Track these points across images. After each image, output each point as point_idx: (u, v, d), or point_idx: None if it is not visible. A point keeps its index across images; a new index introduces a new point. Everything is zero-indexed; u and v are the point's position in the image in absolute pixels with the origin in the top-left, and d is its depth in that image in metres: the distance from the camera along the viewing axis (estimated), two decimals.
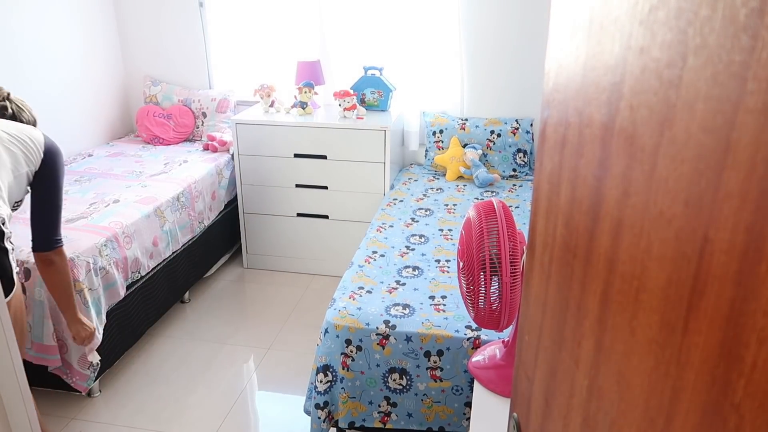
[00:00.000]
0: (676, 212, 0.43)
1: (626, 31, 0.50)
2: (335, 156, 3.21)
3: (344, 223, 3.34)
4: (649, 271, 0.47)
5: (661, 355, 0.46)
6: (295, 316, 3.09)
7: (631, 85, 0.50)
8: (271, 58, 3.64)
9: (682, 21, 0.42)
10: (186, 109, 3.64)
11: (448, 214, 2.84)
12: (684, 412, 0.43)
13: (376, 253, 2.45)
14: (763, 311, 0.34)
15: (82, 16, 3.48)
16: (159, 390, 2.56)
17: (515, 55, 3.29)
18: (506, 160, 3.30)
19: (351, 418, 2.03)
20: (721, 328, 0.38)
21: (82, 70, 3.51)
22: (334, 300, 2.11)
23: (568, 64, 0.65)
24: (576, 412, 0.64)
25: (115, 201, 2.76)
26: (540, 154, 0.77)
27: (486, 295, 1.43)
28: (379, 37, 3.38)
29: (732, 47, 0.36)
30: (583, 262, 0.61)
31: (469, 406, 1.93)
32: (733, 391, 0.37)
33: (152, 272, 2.76)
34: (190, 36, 3.67)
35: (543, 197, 0.76)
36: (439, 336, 1.92)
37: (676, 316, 0.44)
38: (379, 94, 3.35)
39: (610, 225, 0.55)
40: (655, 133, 0.46)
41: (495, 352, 1.66)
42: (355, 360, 1.99)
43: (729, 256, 0.37)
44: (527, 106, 3.38)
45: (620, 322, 0.53)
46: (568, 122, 0.66)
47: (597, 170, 0.58)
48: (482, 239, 1.42)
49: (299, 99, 3.32)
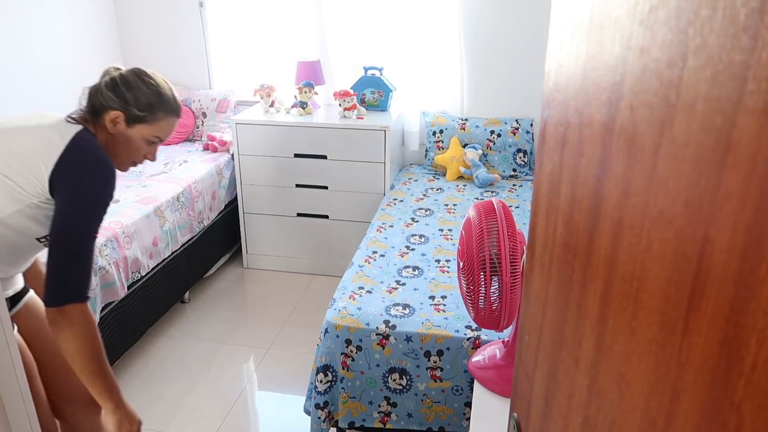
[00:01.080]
0: (676, 212, 0.43)
1: (626, 31, 0.50)
2: (335, 156, 3.21)
3: (344, 223, 3.34)
4: (650, 271, 0.47)
5: (661, 355, 0.46)
6: (295, 316, 3.09)
7: (631, 85, 0.50)
8: (271, 58, 3.64)
9: (683, 21, 0.42)
10: (186, 109, 3.64)
11: (448, 214, 2.84)
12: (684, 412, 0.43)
13: (376, 253, 2.45)
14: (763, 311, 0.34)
15: (82, 16, 3.48)
16: (159, 390, 2.56)
17: (515, 55, 3.29)
18: (506, 160, 3.30)
19: (351, 418, 2.03)
20: (721, 328, 0.38)
21: (82, 70, 3.51)
22: (334, 300, 2.11)
23: (569, 64, 0.65)
24: (576, 412, 0.64)
25: (115, 201, 2.76)
26: (540, 154, 0.77)
27: (486, 295, 1.43)
28: (379, 37, 3.38)
29: (732, 47, 0.36)
30: (584, 262, 0.61)
31: (469, 406, 1.93)
32: (733, 391, 0.37)
33: (152, 272, 2.76)
34: (190, 36, 3.67)
35: (543, 197, 0.76)
36: (439, 336, 1.92)
37: (676, 316, 0.44)
38: (379, 94, 3.35)
39: (611, 225, 0.55)
40: (655, 133, 0.46)
41: (495, 352, 1.66)
42: (355, 360, 1.99)
43: (729, 256, 0.37)
44: (527, 106, 3.38)
45: (620, 322, 0.53)
46: (568, 122, 0.66)
47: (597, 170, 0.58)
48: (482, 239, 1.42)
49: (299, 99, 3.32)
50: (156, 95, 1.54)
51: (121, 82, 1.52)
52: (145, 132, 1.54)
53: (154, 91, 1.54)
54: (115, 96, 1.50)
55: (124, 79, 1.53)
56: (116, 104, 1.50)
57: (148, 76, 1.55)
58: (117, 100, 1.50)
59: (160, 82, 1.57)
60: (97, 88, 1.53)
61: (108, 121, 1.50)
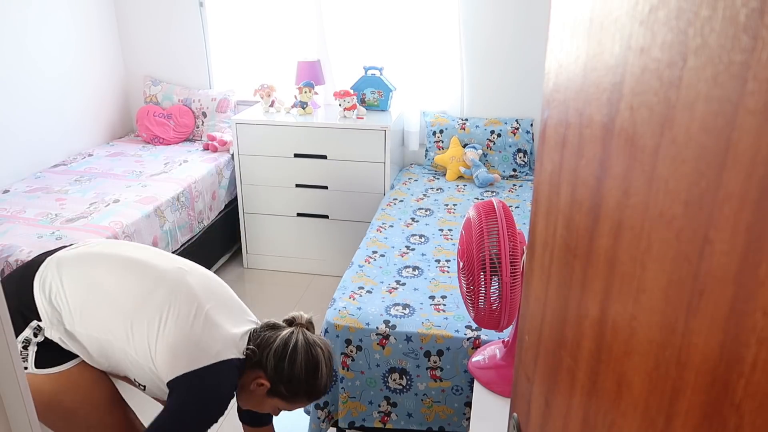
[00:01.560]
0: (676, 213, 0.43)
1: (626, 31, 0.50)
2: (335, 156, 3.21)
3: (344, 223, 3.34)
4: (649, 272, 0.47)
5: (661, 355, 0.46)
6: None
7: (631, 86, 0.50)
8: (271, 58, 3.64)
9: (683, 21, 0.42)
10: (186, 108, 3.64)
11: (448, 214, 2.84)
12: (684, 413, 0.43)
13: (376, 253, 2.45)
14: (763, 311, 0.34)
15: (82, 16, 3.48)
16: None
17: (515, 56, 3.29)
18: (506, 160, 3.30)
19: (351, 418, 2.03)
20: (721, 329, 0.38)
21: (83, 70, 3.51)
22: (334, 300, 2.11)
23: (569, 64, 0.65)
24: (576, 412, 0.64)
25: (116, 201, 2.76)
26: (540, 155, 0.77)
27: (486, 295, 1.43)
28: (379, 37, 3.38)
29: (732, 48, 0.36)
30: (584, 263, 0.61)
31: (469, 406, 1.93)
32: (733, 391, 0.37)
33: None
34: (190, 36, 3.67)
35: (543, 197, 0.76)
36: (439, 336, 1.92)
37: (676, 317, 0.44)
38: (379, 94, 3.35)
39: (611, 225, 0.55)
40: (655, 133, 0.46)
41: (495, 352, 1.66)
42: (355, 360, 1.99)
43: (729, 257, 0.37)
44: (527, 107, 3.38)
45: (620, 322, 0.53)
46: (568, 122, 0.66)
47: (597, 170, 0.58)
48: (482, 239, 1.42)
49: (299, 99, 3.32)
50: (309, 386, 1.46)
51: (289, 358, 1.42)
52: (279, 404, 1.50)
53: (310, 383, 1.45)
54: (275, 368, 1.42)
55: (294, 356, 1.42)
56: (271, 375, 1.43)
57: (316, 364, 1.45)
58: (275, 372, 1.43)
59: (323, 374, 1.46)
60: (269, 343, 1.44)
61: (254, 381, 1.44)
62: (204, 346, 1.37)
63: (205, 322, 1.40)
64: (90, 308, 1.41)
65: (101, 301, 1.41)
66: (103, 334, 1.40)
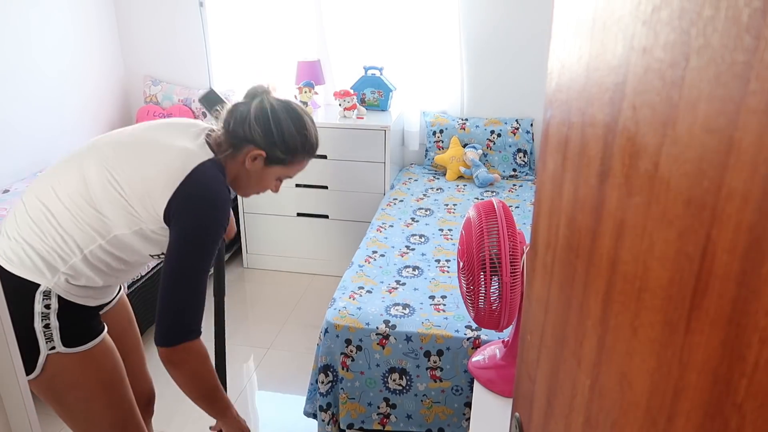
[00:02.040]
0: (678, 212, 0.43)
1: (629, 31, 0.50)
2: (335, 156, 3.21)
3: (344, 223, 3.34)
4: (652, 271, 0.47)
5: (663, 354, 0.46)
6: (295, 316, 3.09)
7: (633, 86, 0.50)
8: (271, 58, 3.64)
9: (685, 21, 0.42)
10: (186, 108, 3.64)
11: (448, 214, 2.84)
12: (686, 412, 0.43)
13: (376, 252, 2.45)
14: (765, 311, 0.34)
15: (82, 15, 3.48)
16: (159, 390, 2.56)
17: (515, 55, 3.29)
18: (506, 160, 3.30)
19: (350, 419, 2.03)
20: (723, 328, 0.38)
21: (83, 69, 3.51)
22: (334, 300, 2.11)
23: (571, 64, 0.65)
24: (578, 411, 0.64)
25: None
26: (543, 154, 0.77)
27: (486, 295, 1.43)
28: (379, 37, 3.38)
29: (735, 47, 0.36)
30: (586, 262, 0.61)
31: (469, 407, 1.93)
32: (735, 391, 0.37)
33: (152, 272, 2.76)
34: (190, 36, 3.67)
35: (546, 197, 0.76)
36: (439, 336, 1.92)
37: (678, 316, 0.44)
38: (379, 94, 3.35)
39: (613, 225, 0.55)
40: (657, 133, 0.46)
41: (495, 352, 1.66)
42: (355, 360, 1.99)
43: (731, 256, 0.37)
44: (527, 106, 3.38)
45: (622, 321, 0.53)
46: (570, 122, 0.66)
47: (599, 170, 0.58)
48: (482, 239, 1.42)
49: (299, 99, 3.32)
50: (303, 139, 1.45)
51: (273, 119, 1.40)
52: (279, 172, 1.49)
53: (302, 135, 1.44)
54: (263, 133, 1.39)
55: (276, 116, 1.41)
56: (262, 143, 1.40)
57: (300, 117, 1.45)
58: (264, 138, 1.40)
59: (309, 125, 1.46)
60: (245, 117, 1.40)
61: (248, 157, 1.41)
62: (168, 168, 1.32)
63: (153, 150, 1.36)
64: (56, 204, 1.35)
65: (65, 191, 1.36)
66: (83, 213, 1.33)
